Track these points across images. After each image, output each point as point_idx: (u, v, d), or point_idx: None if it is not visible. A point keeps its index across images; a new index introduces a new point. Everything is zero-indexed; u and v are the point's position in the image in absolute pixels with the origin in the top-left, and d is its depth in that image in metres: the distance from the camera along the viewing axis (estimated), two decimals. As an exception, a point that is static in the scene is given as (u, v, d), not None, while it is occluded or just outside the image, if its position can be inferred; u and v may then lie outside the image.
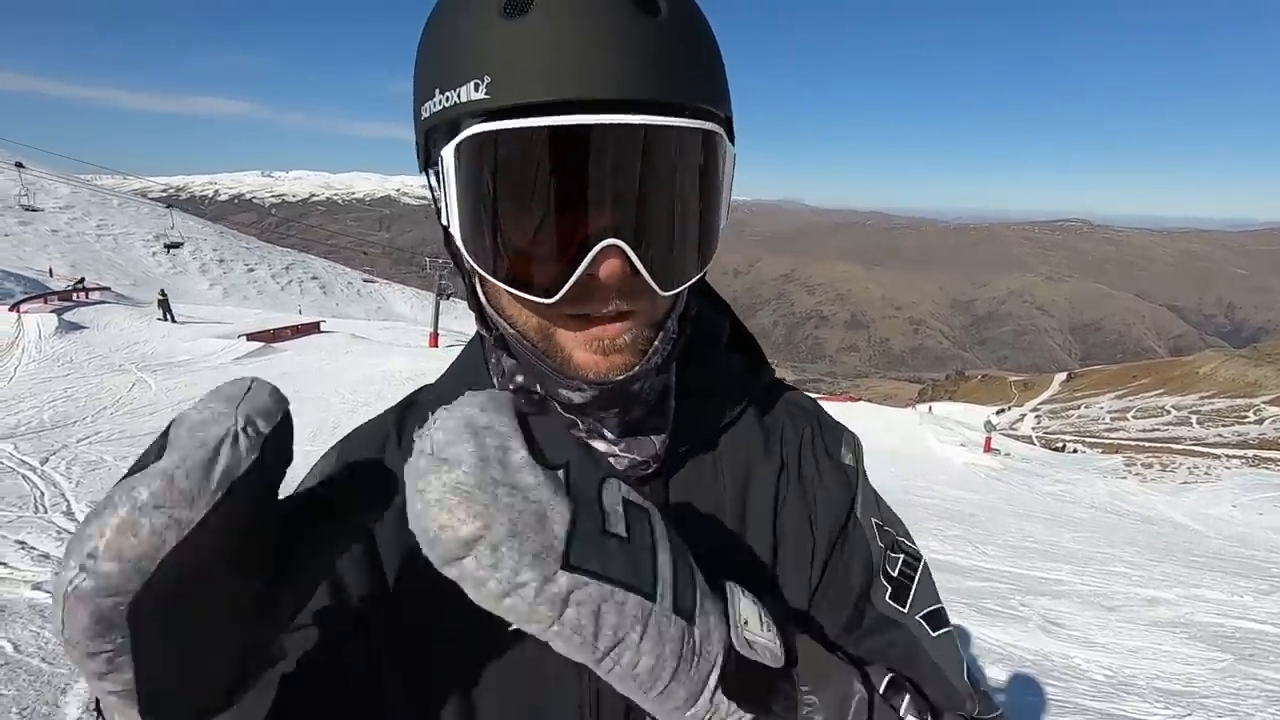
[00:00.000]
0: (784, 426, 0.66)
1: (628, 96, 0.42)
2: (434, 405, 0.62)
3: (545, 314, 0.49)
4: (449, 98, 0.45)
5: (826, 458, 0.65)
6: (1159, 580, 7.28)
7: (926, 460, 18.77)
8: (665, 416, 0.58)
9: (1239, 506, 16.10)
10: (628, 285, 0.46)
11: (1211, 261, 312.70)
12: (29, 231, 49.66)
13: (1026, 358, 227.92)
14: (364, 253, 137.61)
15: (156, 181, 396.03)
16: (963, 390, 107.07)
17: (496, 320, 0.53)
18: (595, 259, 0.44)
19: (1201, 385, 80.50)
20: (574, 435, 0.49)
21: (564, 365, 0.50)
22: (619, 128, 0.42)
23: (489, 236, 0.46)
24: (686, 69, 0.45)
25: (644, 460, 0.57)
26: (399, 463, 0.59)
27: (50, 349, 14.74)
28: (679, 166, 0.45)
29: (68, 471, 6.89)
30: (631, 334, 0.49)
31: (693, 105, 0.45)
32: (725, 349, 0.66)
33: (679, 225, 0.47)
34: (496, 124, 0.42)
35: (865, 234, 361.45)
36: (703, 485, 0.61)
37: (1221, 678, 4.37)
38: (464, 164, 0.45)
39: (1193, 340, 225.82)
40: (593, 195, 0.43)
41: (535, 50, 0.42)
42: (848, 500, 0.64)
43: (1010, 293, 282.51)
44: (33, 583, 3.75)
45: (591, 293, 0.46)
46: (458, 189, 0.46)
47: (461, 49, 0.45)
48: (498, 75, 0.43)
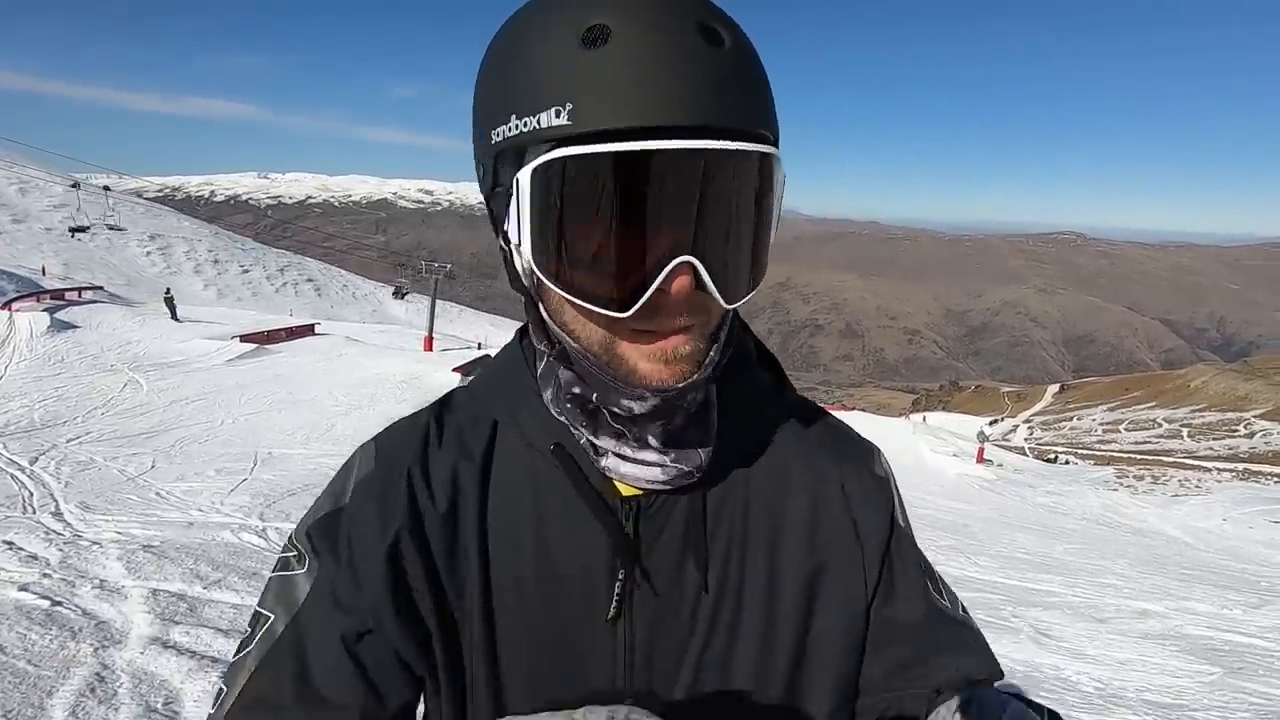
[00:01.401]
0: (816, 441, 0.68)
1: (698, 123, 0.45)
2: (471, 408, 0.66)
3: (611, 329, 0.51)
4: (526, 123, 0.47)
5: (867, 472, 0.68)
6: (1149, 592, 7.30)
7: (920, 470, 18.80)
8: (708, 429, 0.60)
9: (1229, 520, 16.18)
10: (693, 300, 0.49)
11: (1204, 276, 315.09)
12: (22, 230, 49.40)
13: (1020, 369, 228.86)
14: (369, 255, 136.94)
15: (152, 181, 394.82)
16: (956, 401, 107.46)
17: (559, 335, 0.55)
18: (669, 275, 0.47)
19: (1193, 398, 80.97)
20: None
21: (628, 376, 0.53)
22: (691, 152, 0.45)
23: (566, 255, 0.48)
24: (747, 95, 0.48)
25: (689, 470, 0.59)
26: (442, 464, 0.63)
27: (42, 348, 14.66)
28: (742, 187, 0.48)
29: (57, 471, 6.84)
30: (691, 345, 0.52)
31: (754, 130, 0.48)
32: (755, 366, 0.68)
33: (741, 242, 0.50)
34: (583, 148, 0.45)
35: (860, 244, 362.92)
36: (739, 497, 0.63)
37: (1210, 690, 4.38)
38: (545, 186, 0.47)
39: (1184, 354, 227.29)
40: (667, 215, 0.46)
41: (614, 80, 0.45)
42: (889, 509, 0.67)
43: (1004, 304, 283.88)
44: (19, 584, 3.71)
45: (660, 308, 0.49)
46: (533, 209, 0.48)
47: (541, 77, 0.47)
48: (579, 102, 0.45)
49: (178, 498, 6.26)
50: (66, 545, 4.51)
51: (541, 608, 0.60)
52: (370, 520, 0.60)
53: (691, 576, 0.60)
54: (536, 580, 0.60)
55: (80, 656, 3.00)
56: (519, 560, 0.60)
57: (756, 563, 0.62)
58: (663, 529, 0.60)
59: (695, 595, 0.60)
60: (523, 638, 0.60)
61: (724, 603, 0.61)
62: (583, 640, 0.60)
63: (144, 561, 4.25)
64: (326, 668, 0.58)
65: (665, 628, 0.60)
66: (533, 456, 0.61)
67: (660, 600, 0.60)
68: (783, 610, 0.62)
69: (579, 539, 0.60)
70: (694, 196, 0.46)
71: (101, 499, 5.98)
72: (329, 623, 0.59)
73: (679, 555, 0.60)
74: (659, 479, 0.58)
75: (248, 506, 6.08)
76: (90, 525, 5.12)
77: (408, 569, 0.59)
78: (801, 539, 0.63)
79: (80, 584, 3.81)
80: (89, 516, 5.37)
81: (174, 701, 2.74)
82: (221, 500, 6.25)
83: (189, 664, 3.01)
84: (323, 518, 0.62)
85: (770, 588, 0.62)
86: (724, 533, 0.62)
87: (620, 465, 0.58)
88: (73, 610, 3.45)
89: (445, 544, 0.61)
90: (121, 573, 4.06)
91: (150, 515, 5.58)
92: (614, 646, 0.60)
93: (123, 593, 3.75)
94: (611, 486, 0.60)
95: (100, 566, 4.16)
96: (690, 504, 0.61)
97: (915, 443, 21.90)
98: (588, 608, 0.59)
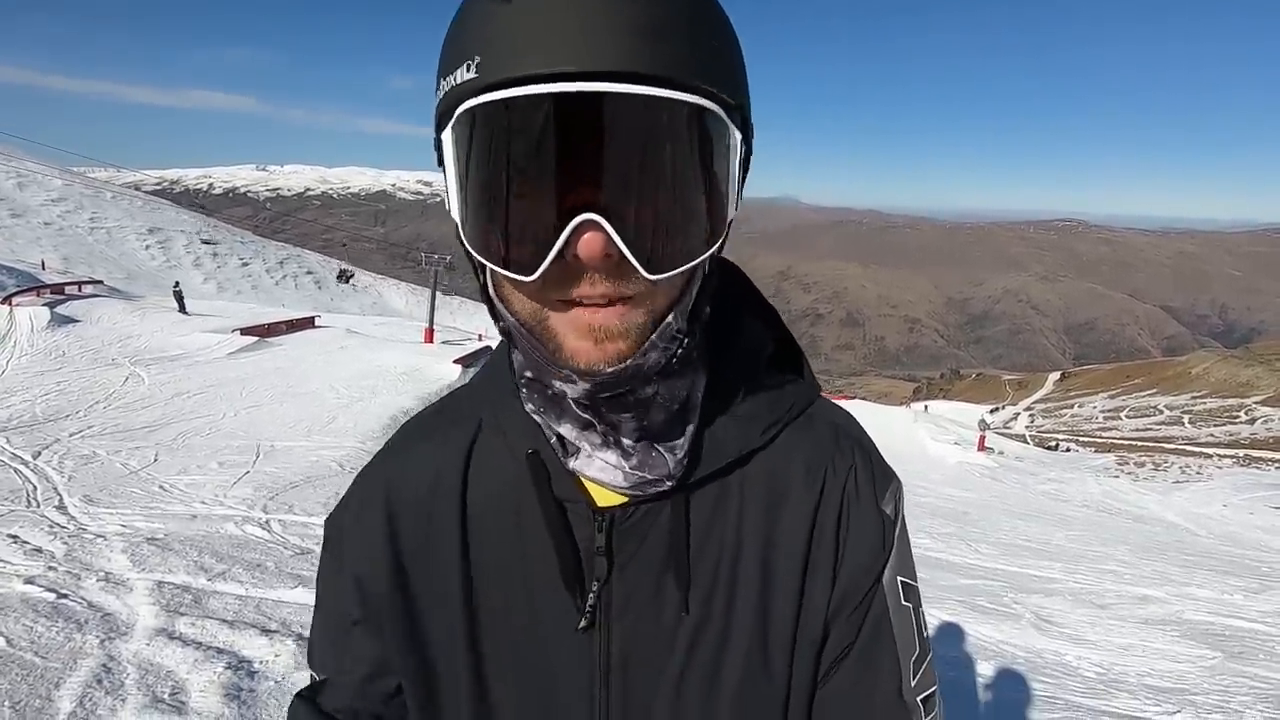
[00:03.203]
0: (827, 454, 0.60)
1: (604, 68, 0.41)
2: (463, 407, 0.66)
3: (537, 298, 0.48)
4: (448, 83, 0.45)
5: (870, 500, 0.60)
6: (1150, 578, 7.32)
7: (921, 458, 18.82)
8: (681, 430, 0.55)
9: (1230, 506, 16.20)
10: (615, 268, 0.45)
11: (1205, 262, 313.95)
12: (21, 224, 49.28)
13: (1021, 357, 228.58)
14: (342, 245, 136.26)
15: (150, 175, 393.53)
16: (957, 389, 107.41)
17: (501, 311, 0.52)
18: (572, 235, 0.43)
19: (1194, 385, 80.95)
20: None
21: (556, 353, 0.48)
22: (599, 96, 0.41)
23: (477, 215, 0.46)
24: (677, 45, 0.43)
25: (654, 478, 0.55)
26: (428, 467, 0.62)
27: (43, 342, 14.65)
28: (665, 142, 0.43)
29: (60, 465, 6.86)
30: (625, 321, 0.47)
31: (686, 82, 0.43)
32: (768, 362, 0.62)
33: (666, 205, 0.44)
34: (478, 99, 0.43)
35: (861, 232, 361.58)
36: (728, 509, 0.58)
37: (1211, 675, 4.40)
38: (454, 145, 0.45)
39: (1186, 340, 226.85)
40: (569, 168, 0.42)
41: (522, 28, 0.42)
42: (879, 558, 0.59)
43: (1005, 292, 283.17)
44: (25, 577, 3.73)
45: (577, 274, 0.45)
46: (454, 170, 0.46)
47: (458, 36, 0.46)
48: (485, 53, 0.43)
49: (181, 490, 6.28)
50: (71, 539, 4.54)
51: (521, 616, 0.59)
52: (359, 520, 0.65)
53: (671, 595, 0.57)
54: (516, 587, 0.59)
55: (87, 648, 3.01)
56: (498, 564, 0.60)
57: (747, 590, 0.57)
58: (641, 543, 0.57)
59: (676, 613, 0.57)
60: (503, 645, 0.59)
61: (709, 625, 0.57)
62: (558, 652, 0.58)
63: (148, 554, 4.27)
64: (324, 649, 0.66)
65: (643, 645, 0.57)
66: (513, 460, 0.59)
67: (637, 616, 0.57)
68: (773, 642, 0.57)
69: (554, 547, 0.57)
70: (603, 148, 0.42)
71: (105, 492, 6.00)
72: (329, 607, 0.66)
73: (659, 570, 0.57)
74: (621, 483, 0.55)
75: (250, 499, 6.10)
76: (94, 518, 5.14)
77: (386, 571, 0.62)
78: (795, 571, 0.58)
79: (85, 577, 3.82)
80: (93, 510, 5.39)
81: (180, 692, 2.76)
82: (224, 493, 6.27)
83: (195, 655, 3.03)
84: (335, 509, 0.68)
85: (761, 617, 0.57)
86: (713, 550, 0.57)
87: (587, 465, 0.56)
88: (78, 603, 3.47)
89: (423, 547, 0.62)
90: (126, 565, 4.08)
91: (154, 508, 5.60)
92: (591, 661, 0.58)
93: (128, 585, 3.77)
94: (588, 494, 0.57)
95: (105, 559, 4.18)
96: (672, 516, 0.56)
97: (916, 431, 21.91)
98: (561, 619, 0.58)
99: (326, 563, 0.67)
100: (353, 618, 0.64)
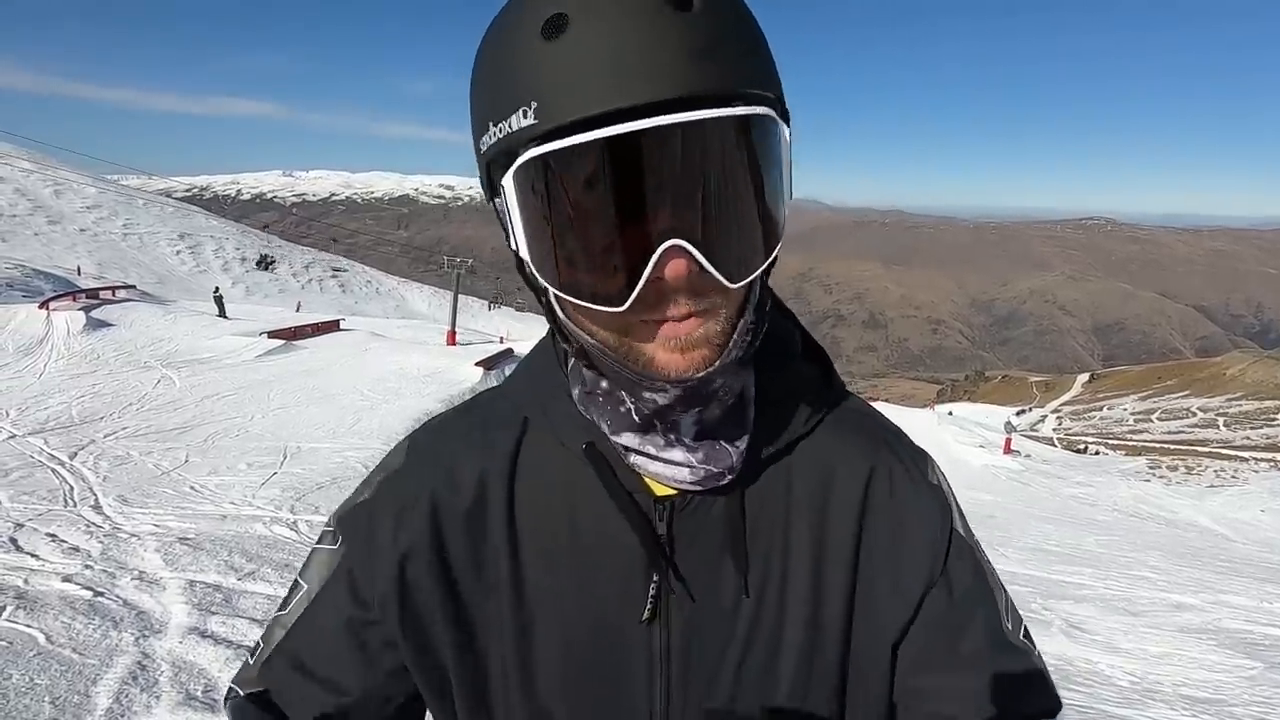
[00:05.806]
0: (867, 437, 0.64)
1: (664, 97, 0.42)
2: (501, 407, 0.66)
3: (620, 322, 0.49)
4: (501, 129, 0.46)
5: (920, 479, 0.63)
6: (1185, 585, 7.14)
7: (945, 461, 18.52)
8: (743, 425, 0.58)
9: (1268, 511, 15.75)
10: (696, 283, 0.46)
11: (1240, 260, 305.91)
12: (58, 231, 50.67)
13: (1048, 358, 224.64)
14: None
15: (180, 181, 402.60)
16: (982, 391, 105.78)
17: (575, 333, 0.54)
18: (659, 262, 0.45)
19: (1229, 387, 78.80)
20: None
21: (647, 368, 0.50)
22: (661, 129, 0.42)
23: (555, 255, 0.47)
24: (725, 58, 0.44)
25: (719, 471, 0.56)
26: (468, 464, 0.62)
27: (78, 346, 15.03)
28: (729, 156, 0.45)
29: (95, 466, 7.03)
30: (706, 328, 0.49)
31: (737, 92, 0.44)
32: (799, 357, 0.64)
33: (738, 215, 0.46)
34: (544, 147, 0.43)
35: (883, 232, 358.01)
36: (779, 497, 0.60)
37: (1251, 685, 4.27)
38: (523, 190, 0.46)
39: (1220, 341, 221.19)
40: (647, 200, 0.44)
41: (574, 68, 0.43)
42: (945, 520, 0.62)
43: (1031, 292, 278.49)
44: (63, 575, 3.83)
45: (662, 296, 0.47)
46: (521, 214, 0.47)
47: (507, 79, 0.46)
48: (543, 99, 0.44)
49: (211, 491, 6.40)
50: (106, 538, 4.65)
51: (576, 609, 0.59)
52: (388, 517, 0.62)
53: (730, 579, 0.58)
54: (571, 581, 0.59)
55: (122, 645, 3.09)
56: (551, 560, 0.60)
57: (800, 573, 0.59)
58: (699, 530, 0.58)
59: (735, 599, 0.58)
60: (556, 638, 0.59)
61: (764, 610, 0.58)
62: (617, 643, 0.59)
63: (180, 553, 4.36)
64: (327, 646, 0.62)
65: (703, 632, 0.59)
66: (565, 455, 0.60)
67: (697, 603, 0.58)
68: (828, 624, 0.59)
69: (612, 539, 0.58)
70: (674, 176, 0.43)
71: (138, 493, 6.13)
72: (340, 605, 0.63)
73: (716, 557, 0.58)
74: (687, 479, 0.56)
75: (278, 500, 6.20)
76: (128, 518, 5.26)
77: (421, 570, 0.60)
78: (847, 549, 0.60)
79: (120, 575, 3.92)
80: (127, 510, 5.52)
81: (213, 690, 2.81)
82: (253, 494, 6.37)
83: (226, 653, 3.08)
84: (353, 506, 0.65)
85: (814, 600, 0.59)
86: (764, 537, 0.59)
87: (649, 464, 0.57)
88: (114, 600, 3.55)
89: (469, 544, 0.61)
90: (159, 564, 4.17)
91: (185, 508, 5.72)
92: (650, 649, 0.59)
93: (161, 584, 3.85)
94: (646, 485, 0.59)
95: (139, 558, 4.28)
96: (729, 504, 0.58)
97: (940, 434, 21.64)
98: (622, 609, 0.58)
99: (339, 561, 0.63)
100: (369, 619, 0.61)
